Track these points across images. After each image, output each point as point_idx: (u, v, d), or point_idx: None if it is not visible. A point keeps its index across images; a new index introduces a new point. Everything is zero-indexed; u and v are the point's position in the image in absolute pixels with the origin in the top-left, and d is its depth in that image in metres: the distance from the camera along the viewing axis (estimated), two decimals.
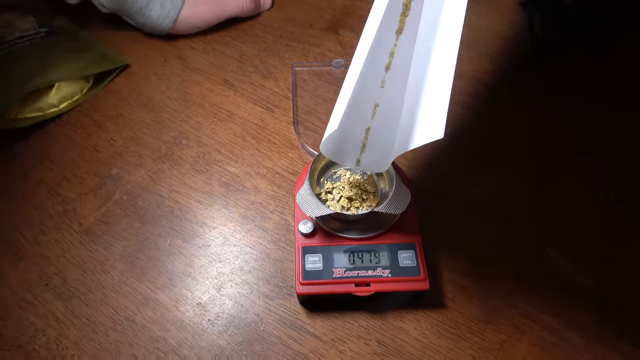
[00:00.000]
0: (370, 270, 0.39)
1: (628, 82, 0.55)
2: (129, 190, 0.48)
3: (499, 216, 0.46)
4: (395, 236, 0.41)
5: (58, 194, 0.48)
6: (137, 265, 0.43)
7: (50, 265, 0.43)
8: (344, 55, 0.58)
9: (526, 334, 0.40)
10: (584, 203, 0.47)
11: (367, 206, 0.42)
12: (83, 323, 0.41)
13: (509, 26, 0.61)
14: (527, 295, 0.41)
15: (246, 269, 0.43)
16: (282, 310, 0.41)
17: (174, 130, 0.52)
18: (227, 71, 0.57)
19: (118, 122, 0.53)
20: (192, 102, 0.54)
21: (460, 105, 0.54)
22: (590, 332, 0.40)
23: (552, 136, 0.51)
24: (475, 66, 0.57)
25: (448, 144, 0.50)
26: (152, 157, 0.50)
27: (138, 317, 0.41)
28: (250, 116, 0.53)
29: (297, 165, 0.49)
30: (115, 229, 0.45)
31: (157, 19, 0.56)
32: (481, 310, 0.41)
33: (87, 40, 0.59)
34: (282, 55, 0.59)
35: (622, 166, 0.49)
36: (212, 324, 0.40)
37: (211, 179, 0.48)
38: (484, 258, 0.43)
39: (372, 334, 0.40)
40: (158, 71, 0.57)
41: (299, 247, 0.40)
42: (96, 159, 0.50)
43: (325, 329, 0.40)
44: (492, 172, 0.48)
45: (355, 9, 0.64)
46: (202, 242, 0.44)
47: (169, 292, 0.42)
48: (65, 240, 0.45)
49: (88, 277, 0.43)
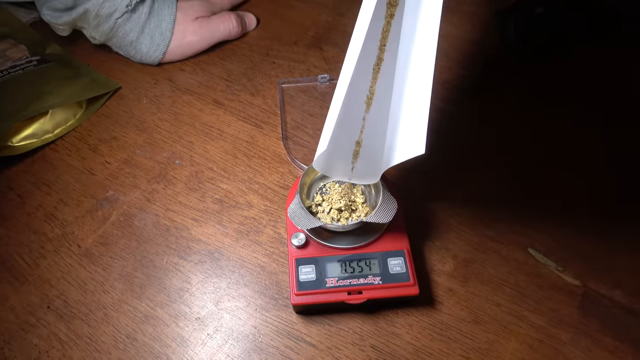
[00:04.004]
0: (362, 278, 0.40)
1: (586, 87, 0.58)
2: (125, 211, 0.49)
3: (482, 218, 0.48)
4: (385, 244, 0.42)
5: (56, 218, 0.49)
6: (136, 284, 0.44)
7: (51, 287, 0.45)
8: (328, 70, 0.60)
9: (514, 332, 0.41)
10: (566, 202, 0.49)
11: (356, 216, 0.43)
12: (85, 343, 0.42)
13: (483, 35, 0.64)
14: (511, 294, 0.43)
15: (242, 283, 0.44)
16: (279, 321, 0.42)
17: (166, 150, 0.53)
18: (217, 91, 0.59)
19: (112, 145, 0.54)
20: (183, 122, 0.56)
21: (441, 111, 0.56)
22: (574, 327, 0.42)
23: (526, 138, 0.53)
24: (453, 74, 0.59)
25: (432, 151, 0.52)
26: (147, 178, 0.51)
27: (139, 335, 0.42)
28: (240, 133, 0.55)
29: (287, 180, 0.51)
30: (114, 249, 0.47)
31: (147, 52, 0.58)
32: (469, 311, 0.42)
33: (78, 66, 0.61)
34: (269, 72, 0.61)
35: (601, 168, 0.51)
36: (212, 337, 0.42)
37: (205, 196, 0.50)
38: (469, 259, 0.45)
39: (366, 340, 0.41)
40: (149, 93, 0.59)
41: (292, 259, 0.41)
42: (92, 181, 0.51)
43: (321, 337, 0.41)
44: (474, 176, 0.50)
45: (338, 24, 0.66)
46: (198, 258, 0.46)
47: (168, 308, 0.43)
48: (65, 262, 0.46)
49: (89, 298, 0.44)
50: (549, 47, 0.61)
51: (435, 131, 0.54)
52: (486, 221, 0.47)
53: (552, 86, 0.58)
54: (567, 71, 0.59)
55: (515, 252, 0.46)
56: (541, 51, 0.60)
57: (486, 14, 0.66)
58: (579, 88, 0.58)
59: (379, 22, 0.33)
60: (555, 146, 0.53)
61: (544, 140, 0.53)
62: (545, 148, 0.53)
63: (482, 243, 0.46)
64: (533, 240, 0.46)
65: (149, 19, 0.56)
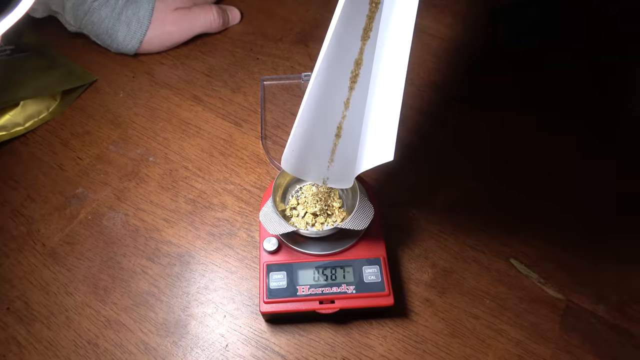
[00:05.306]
0: (335, 287, 0.39)
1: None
2: (94, 209, 0.47)
3: (463, 226, 0.46)
4: (361, 251, 0.41)
5: (22, 214, 0.47)
6: (101, 287, 0.43)
7: (12, 288, 0.43)
8: (313, 68, 0.58)
9: (491, 347, 0.40)
10: (551, 213, 0.47)
11: (332, 222, 0.41)
12: (45, 347, 0.40)
13: (475, 36, 0.62)
14: (491, 306, 0.42)
15: (211, 288, 0.43)
16: (248, 329, 0.41)
17: (141, 147, 0.51)
18: (196, 86, 0.57)
19: (84, 140, 0.52)
20: (160, 118, 0.54)
21: (426, 114, 0.54)
22: (554, 343, 0.40)
23: (517, 143, 0.52)
24: (442, 76, 0.57)
25: (412, 155, 0.50)
26: (118, 175, 0.49)
27: (101, 340, 0.40)
28: (218, 131, 0.53)
29: (264, 181, 0.49)
30: (80, 249, 0.45)
31: (123, 40, 0.55)
32: (446, 324, 0.41)
33: (54, 56, 0.59)
34: (252, 69, 0.59)
35: (587, 178, 0.49)
36: (176, 345, 0.40)
37: (177, 196, 0.48)
38: (448, 269, 0.43)
39: (338, 352, 0.39)
40: (126, 87, 0.57)
41: (263, 264, 0.40)
42: (61, 177, 0.49)
43: (290, 348, 0.40)
44: (457, 182, 0.49)
45: (325, 21, 0.63)
46: (167, 261, 0.44)
47: (132, 313, 0.41)
48: (29, 262, 0.44)
49: (51, 300, 0.42)
50: (542, 48, 0.59)
51: (418, 134, 0.52)
52: (467, 229, 0.46)
53: (542, 92, 0.56)
54: (558, 77, 0.57)
55: (496, 262, 0.44)
56: (532, 53, 0.59)
57: (479, 14, 0.64)
58: (569, 95, 0.56)
59: (358, 20, 0.31)
60: (542, 154, 0.51)
61: (530, 147, 0.51)
62: (532, 156, 0.51)
63: (462, 252, 0.44)
64: (515, 250, 0.45)
65: (126, 5, 0.54)
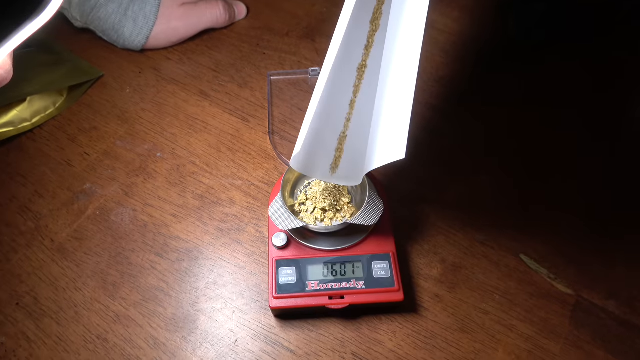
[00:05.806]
0: (344, 282, 0.39)
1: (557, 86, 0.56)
2: (102, 205, 0.47)
3: (473, 222, 0.46)
4: (370, 246, 0.41)
5: (30, 210, 0.47)
6: (109, 282, 0.43)
7: (21, 283, 0.43)
8: (320, 63, 0.58)
9: (501, 342, 0.40)
10: (561, 208, 0.47)
11: (341, 217, 0.41)
12: (54, 342, 0.40)
13: (483, 30, 0.61)
14: (501, 302, 0.41)
15: (220, 283, 0.42)
16: (257, 324, 0.40)
17: (148, 142, 0.51)
18: (203, 81, 0.57)
19: (92, 136, 0.52)
20: (167, 113, 0.54)
21: (435, 110, 0.53)
22: (564, 338, 0.40)
23: (525, 139, 0.51)
24: (450, 71, 0.57)
25: (422, 150, 0.50)
26: (126, 171, 0.49)
27: (110, 335, 0.40)
28: (225, 127, 0.53)
29: (272, 176, 0.49)
30: (88, 245, 0.45)
31: (129, 36, 0.55)
32: (456, 319, 0.41)
33: (61, 52, 0.58)
34: (259, 64, 0.58)
35: (597, 174, 0.49)
36: (186, 340, 0.40)
37: (185, 191, 0.48)
38: (458, 264, 0.43)
39: (348, 347, 0.39)
40: (133, 82, 0.56)
41: (272, 260, 0.39)
42: (69, 173, 0.49)
43: (300, 343, 0.40)
44: (466, 178, 0.48)
45: (332, 16, 0.63)
46: (176, 256, 0.44)
47: (141, 308, 0.41)
48: (37, 257, 0.44)
49: (60, 295, 0.42)
50: (552, 43, 0.58)
51: (427, 129, 0.52)
52: (477, 225, 0.45)
53: (550, 87, 0.56)
54: (569, 72, 0.57)
55: (506, 258, 0.44)
56: (542, 47, 0.58)
57: (487, 8, 0.63)
58: (578, 91, 0.55)
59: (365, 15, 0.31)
60: (553, 150, 0.51)
61: (541, 143, 0.51)
62: (542, 152, 0.50)
63: (472, 247, 0.44)
64: (525, 246, 0.44)
65: (132, 1, 0.54)
